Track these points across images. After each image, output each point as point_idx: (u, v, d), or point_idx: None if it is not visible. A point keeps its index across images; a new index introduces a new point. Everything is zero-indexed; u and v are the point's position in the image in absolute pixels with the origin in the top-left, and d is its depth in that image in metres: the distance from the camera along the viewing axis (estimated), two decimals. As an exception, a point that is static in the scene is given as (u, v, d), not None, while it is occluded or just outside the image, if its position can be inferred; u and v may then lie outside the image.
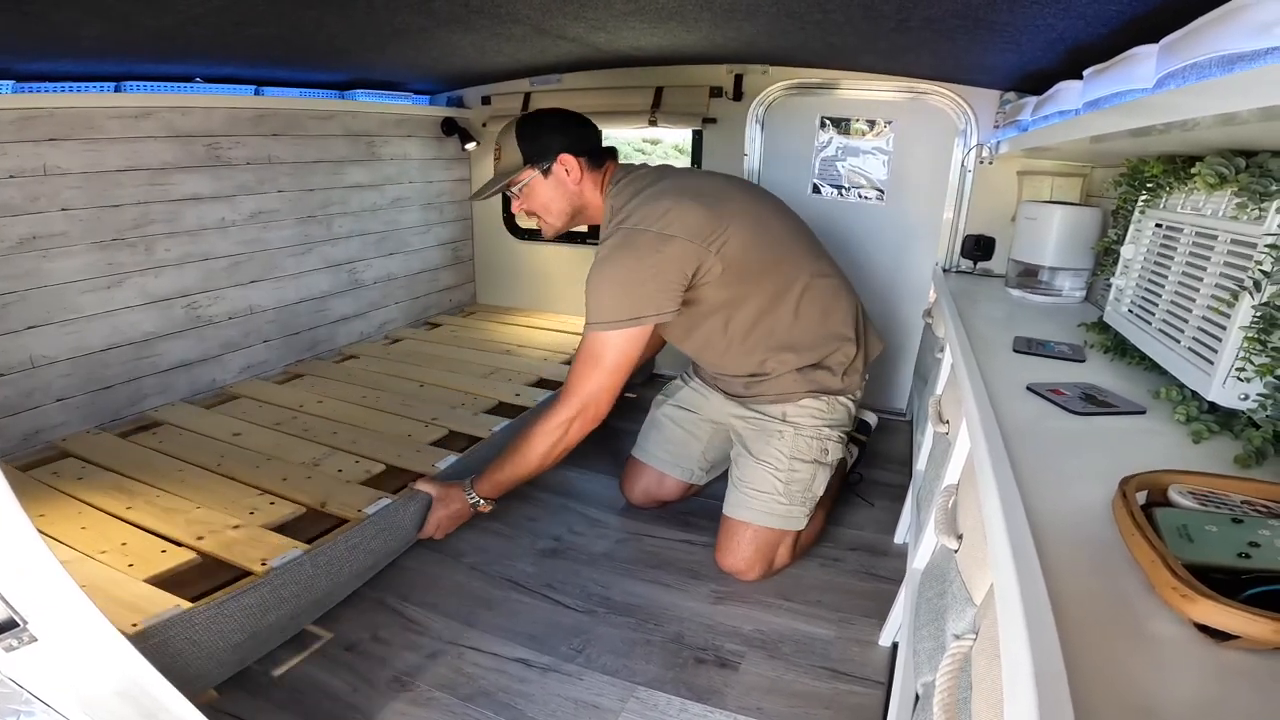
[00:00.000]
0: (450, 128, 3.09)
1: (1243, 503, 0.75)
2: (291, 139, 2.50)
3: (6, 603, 0.68)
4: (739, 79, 2.63)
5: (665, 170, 1.72)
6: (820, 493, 1.78)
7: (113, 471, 1.79)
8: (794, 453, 1.73)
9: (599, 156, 1.69)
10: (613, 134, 3.10)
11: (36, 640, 0.70)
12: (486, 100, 3.12)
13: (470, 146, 3.15)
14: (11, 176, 1.78)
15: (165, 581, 1.37)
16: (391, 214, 2.99)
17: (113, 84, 1.96)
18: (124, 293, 2.07)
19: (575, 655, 1.50)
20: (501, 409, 2.26)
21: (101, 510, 1.60)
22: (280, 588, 1.35)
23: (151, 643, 1.13)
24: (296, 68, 2.30)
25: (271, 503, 1.64)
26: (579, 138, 1.66)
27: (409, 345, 2.92)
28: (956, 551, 0.96)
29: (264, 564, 1.37)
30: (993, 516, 0.74)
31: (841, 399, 1.78)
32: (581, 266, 3.20)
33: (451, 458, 1.76)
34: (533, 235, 3.38)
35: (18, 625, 0.69)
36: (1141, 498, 0.76)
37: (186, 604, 1.22)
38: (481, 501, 1.72)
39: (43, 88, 1.81)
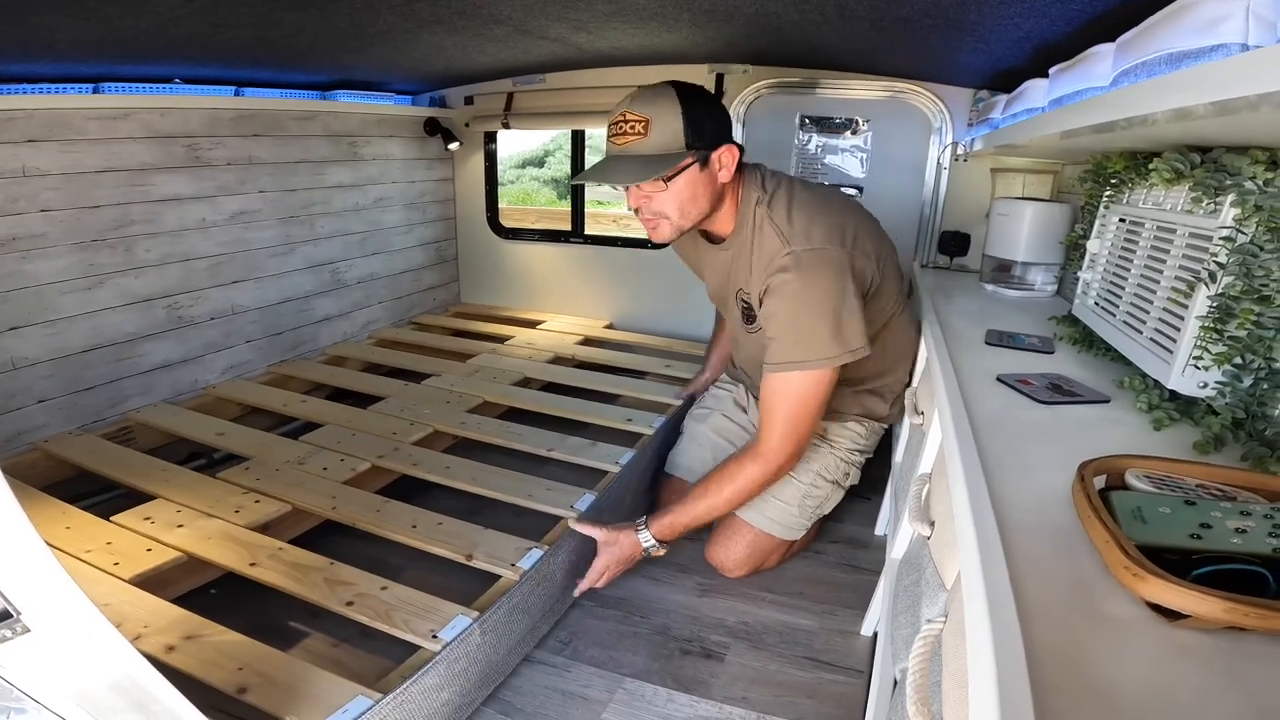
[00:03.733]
0: (433, 128, 3.09)
1: (1197, 486, 0.78)
2: (273, 139, 2.50)
3: (0, 594, 0.68)
4: (720, 78, 2.66)
5: (793, 178, 1.51)
6: (827, 512, 1.78)
7: (95, 473, 1.80)
8: (821, 469, 1.72)
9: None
10: (595, 133, 3.11)
11: (30, 631, 0.70)
12: (469, 100, 3.13)
13: (453, 146, 3.16)
14: (-10, 178, 1.77)
15: (150, 581, 1.39)
16: (374, 214, 2.99)
17: (91, 85, 1.95)
18: (105, 293, 2.07)
19: (563, 648, 1.53)
20: (485, 407, 2.27)
21: (85, 510, 1.60)
22: (454, 662, 1.21)
23: None
24: (277, 69, 2.30)
25: (256, 501, 1.65)
26: (728, 124, 1.39)
27: (392, 345, 2.93)
28: (929, 539, 0.99)
29: (435, 636, 1.23)
30: (960, 502, 0.77)
31: (880, 427, 1.78)
32: (565, 265, 3.29)
33: (589, 496, 1.65)
34: (516, 235, 3.40)
35: (11, 616, 0.69)
36: (1101, 482, 0.79)
37: (373, 694, 1.10)
38: (656, 545, 1.51)
39: (20, 89, 1.80)
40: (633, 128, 1.31)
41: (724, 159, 1.35)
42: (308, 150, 2.64)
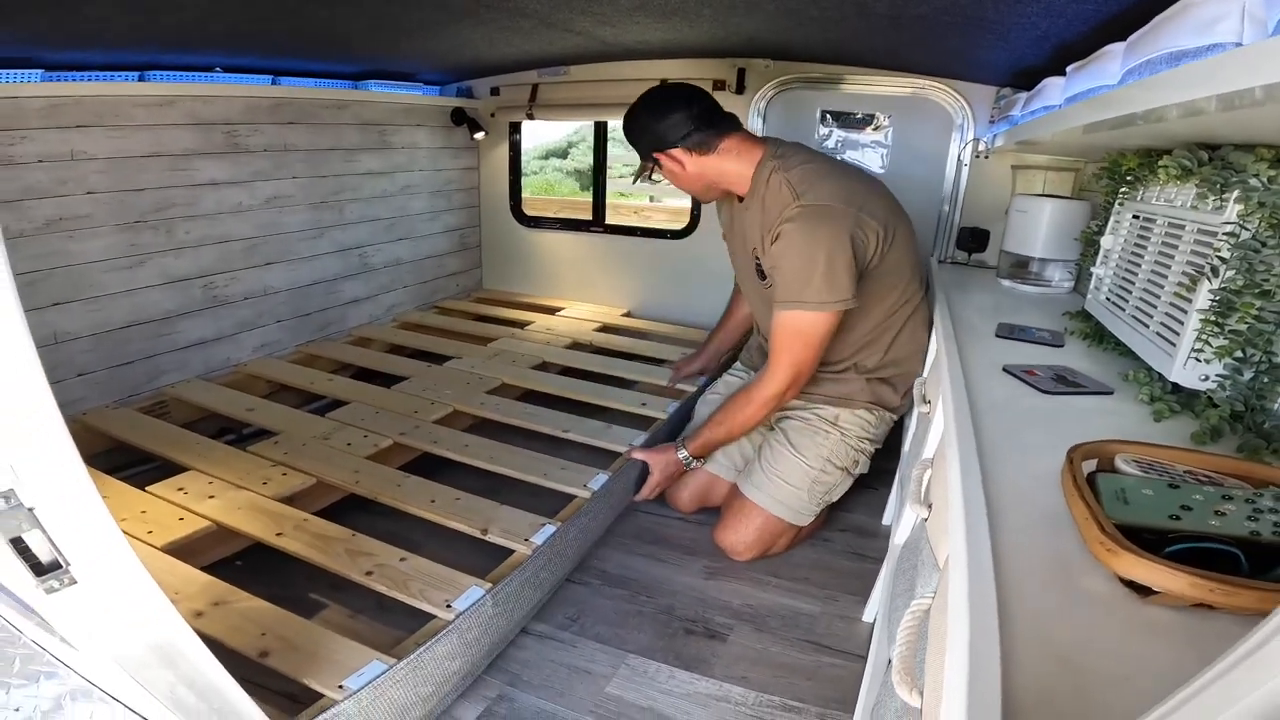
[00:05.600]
0: (459, 117, 3.15)
1: (1185, 473, 0.79)
2: (306, 127, 2.57)
3: (52, 543, 0.70)
4: (741, 73, 2.68)
5: (819, 153, 1.72)
6: (835, 499, 1.83)
7: (131, 445, 1.88)
8: (832, 456, 1.76)
9: (713, 130, 1.63)
10: (616, 125, 3.15)
11: (76, 583, 0.72)
12: (495, 91, 3.18)
13: (479, 136, 3.22)
14: (40, 161, 1.86)
15: (181, 549, 1.45)
16: (401, 201, 3.06)
17: (137, 74, 2.03)
18: (145, 272, 2.16)
19: (570, 624, 1.57)
20: (504, 389, 2.33)
21: (121, 481, 1.68)
22: (466, 631, 1.27)
23: (363, 704, 1.09)
24: (311, 60, 2.36)
25: (284, 474, 1.72)
26: (675, 125, 1.62)
27: (415, 328, 3.01)
28: (926, 520, 1.02)
29: (448, 606, 1.28)
30: (952, 481, 0.80)
31: (890, 416, 1.83)
32: (585, 253, 3.34)
33: (603, 476, 1.74)
34: (538, 223, 3.45)
35: (61, 566, 0.71)
36: (1091, 466, 0.81)
37: (388, 659, 1.15)
38: (695, 462, 1.82)
39: (70, 76, 1.88)
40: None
41: (664, 161, 1.67)
42: (339, 138, 2.72)
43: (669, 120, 1.63)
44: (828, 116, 2.70)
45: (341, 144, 2.73)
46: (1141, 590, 0.62)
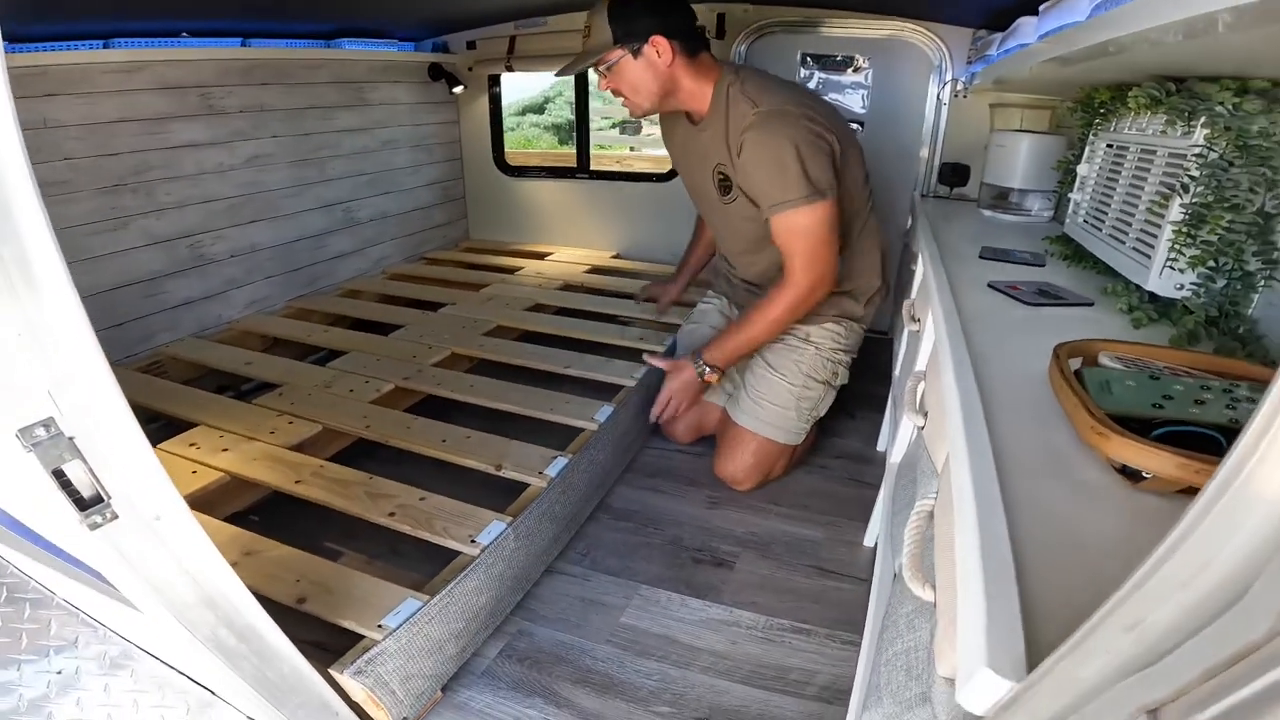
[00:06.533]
0: (437, 72, 3.11)
1: (1165, 368, 0.85)
2: (282, 87, 2.54)
3: (93, 474, 0.71)
4: (721, 17, 2.68)
5: (774, 75, 1.73)
6: (823, 413, 1.89)
7: (134, 404, 1.88)
8: (811, 371, 1.83)
9: (694, 42, 1.63)
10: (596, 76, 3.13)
11: (118, 518, 0.73)
12: (472, 45, 3.14)
13: (458, 90, 3.19)
14: (12, 129, 1.82)
15: (199, 501, 1.46)
16: (383, 155, 3.05)
17: (101, 41, 1.99)
18: (129, 235, 2.14)
19: (581, 559, 1.62)
20: (500, 331, 2.37)
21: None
22: (491, 565, 1.31)
23: (403, 642, 1.13)
24: (279, 20, 2.31)
25: (290, 423, 1.73)
26: (674, 21, 1.59)
27: (406, 279, 3.02)
28: (923, 429, 1.08)
29: (472, 541, 1.33)
30: (947, 383, 0.85)
31: (858, 326, 1.89)
32: (571, 199, 3.35)
33: (609, 408, 1.80)
34: (523, 173, 3.45)
35: (102, 500, 0.72)
36: (1076, 364, 0.87)
37: (422, 596, 1.19)
38: (708, 370, 1.78)
39: (35, 47, 1.84)
40: (585, 31, 1.63)
41: (658, 47, 1.57)
42: (316, 96, 2.69)
43: (678, 12, 1.61)
44: (808, 59, 2.72)
45: (319, 102, 2.70)
46: (1132, 476, 0.66)
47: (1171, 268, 1.08)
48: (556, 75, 1.86)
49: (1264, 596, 0.30)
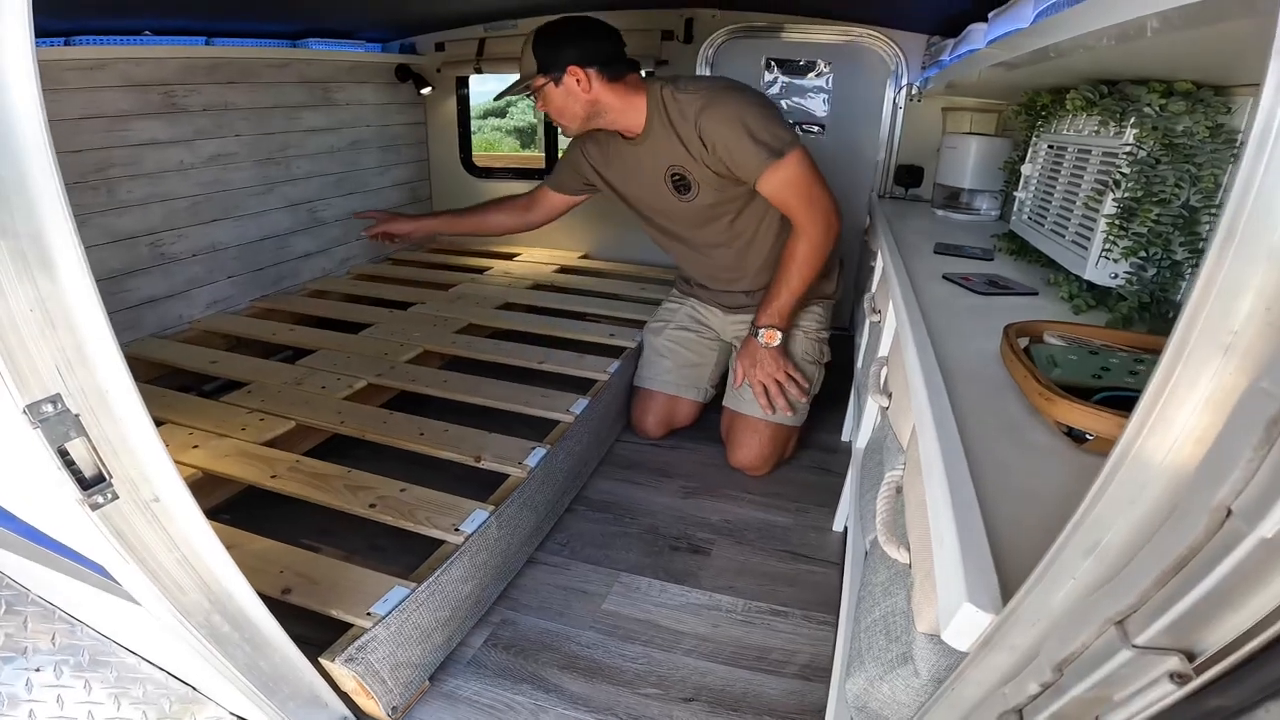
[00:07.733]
0: (404, 74, 3.11)
1: (1101, 346, 0.93)
2: (247, 86, 2.52)
3: (96, 453, 0.71)
4: (689, 22, 2.74)
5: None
6: (818, 391, 1.98)
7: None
8: (804, 353, 1.92)
9: (617, 66, 1.70)
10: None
11: (118, 499, 0.74)
12: (440, 46, 3.15)
13: (426, 91, 3.19)
14: (-30, 126, 1.79)
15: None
16: (350, 156, 3.03)
17: (63, 39, 1.96)
18: (89, 232, 2.10)
19: (561, 548, 1.65)
20: (471, 329, 2.38)
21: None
22: (475, 553, 1.33)
23: (392, 629, 1.13)
24: (243, 19, 2.30)
25: (262, 419, 1.72)
26: (594, 50, 1.67)
27: (372, 279, 3.01)
28: (887, 409, 1.16)
29: (456, 530, 1.34)
30: (910, 363, 0.93)
31: (831, 304, 2.00)
32: None
33: (584, 401, 1.83)
34: (490, 174, 3.47)
35: (104, 480, 0.72)
36: (1025, 343, 0.95)
37: (409, 584, 1.20)
38: (766, 330, 1.81)
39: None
40: (519, 59, 1.71)
41: (577, 76, 1.65)
42: (282, 96, 2.67)
43: (597, 41, 1.69)
44: (773, 64, 2.81)
45: (285, 102, 2.68)
46: (1078, 439, 0.73)
47: (1107, 258, 1.17)
48: (494, 100, 1.96)
49: (1195, 498, 0.35)
